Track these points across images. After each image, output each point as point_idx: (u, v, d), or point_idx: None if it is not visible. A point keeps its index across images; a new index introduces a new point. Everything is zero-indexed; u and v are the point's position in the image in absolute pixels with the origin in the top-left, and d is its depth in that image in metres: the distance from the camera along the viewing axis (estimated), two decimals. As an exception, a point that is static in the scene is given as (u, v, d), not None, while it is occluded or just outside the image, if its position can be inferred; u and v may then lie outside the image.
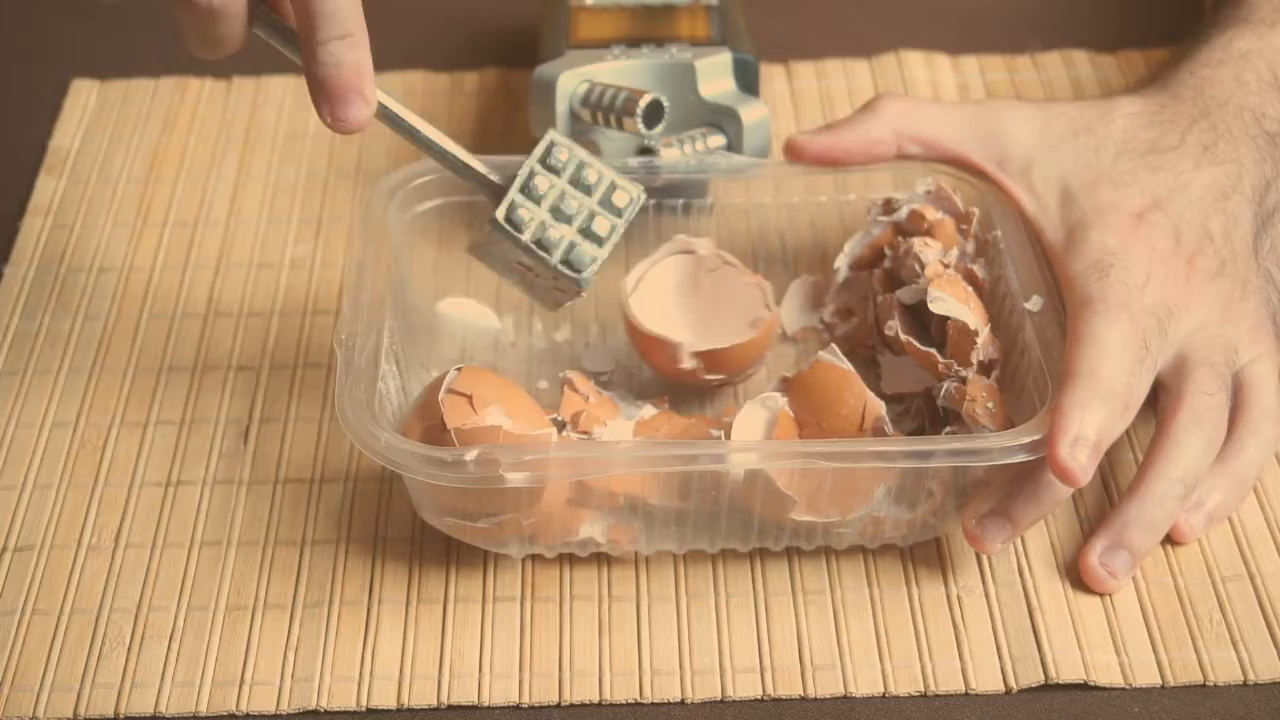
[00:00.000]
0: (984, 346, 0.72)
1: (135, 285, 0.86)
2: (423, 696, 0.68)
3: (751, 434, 0.71)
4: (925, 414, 0.76)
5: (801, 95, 0.98)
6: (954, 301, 0.72)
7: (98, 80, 1.00)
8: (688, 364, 0.76)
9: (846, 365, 0.72)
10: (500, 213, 0.74)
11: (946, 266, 0.75)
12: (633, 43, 0.87)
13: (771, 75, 0.99)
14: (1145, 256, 0.72)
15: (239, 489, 0.76)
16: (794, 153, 0.78)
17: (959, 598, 0.71)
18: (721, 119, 0.85)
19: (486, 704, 0.68)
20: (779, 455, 0.69)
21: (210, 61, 0.71)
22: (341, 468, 0.77)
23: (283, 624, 0.71)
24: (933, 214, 0.78)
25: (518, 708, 0.68)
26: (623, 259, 0.80)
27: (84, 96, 0.98)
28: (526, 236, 0.74)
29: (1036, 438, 0.67)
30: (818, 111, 0.97)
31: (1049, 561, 0.72)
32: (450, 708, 0.68)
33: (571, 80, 0.84)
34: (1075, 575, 0.72)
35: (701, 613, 0.71)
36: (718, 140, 0.85)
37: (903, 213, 0.79)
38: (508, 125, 0.96)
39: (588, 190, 0.74)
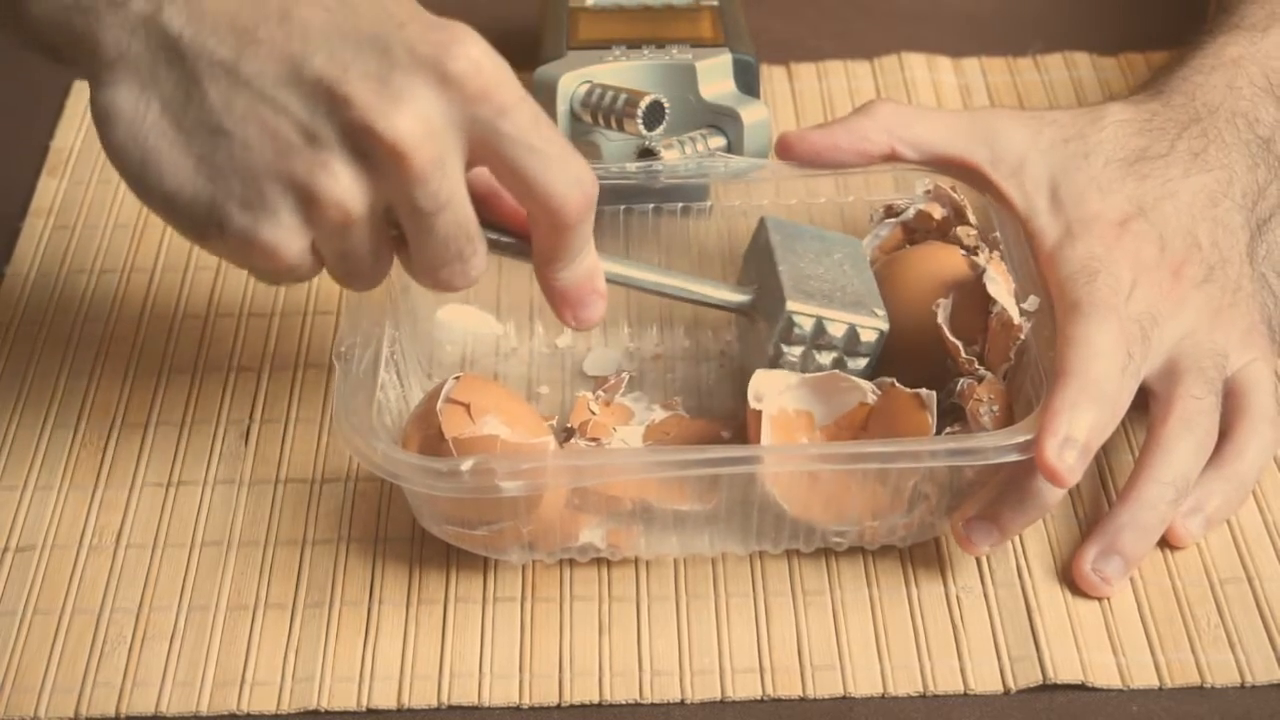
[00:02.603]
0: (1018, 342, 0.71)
1: (136, 286, 0.87)
2: (423, 697, 0.68)
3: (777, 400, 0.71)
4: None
5: (802, 96, 0.98)
6: (1004, 289, 0.72)
7: (100, 81, 1.00)
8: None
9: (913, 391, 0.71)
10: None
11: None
12: (633, 44, 0.87)
13: (772, 76, 0.99)
14: (1130, 265, 0.72)
15: (239, 489, 0.76)
16: (785, 148, 0.78)
17: (958, 598, 0.71)
18: (722, 120, 0.85)
19: (487, 704, 0.68)
20: (772, 459, 0.69)
21: None
22: (342, 468, 0.77)
23: (283, 624, 0.71)
24: (939, 211, 0.78)
25: (518, 708, 0.68)
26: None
27: (86, 98, 0.98)
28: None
29: (1027, 438, 0.67)
30: (819, 113, 0.97)
31: (1048, 562, 0.72)
32: (450, 708, 0.68)
33: (572, 81, 0.84)
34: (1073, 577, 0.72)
35: (701, 613, 0.71)
36: (718, 141, 0.85)
37: (910, 212, 0.79)
38: (508, 126, 0.96)
39: (832, 346, 0.73)
